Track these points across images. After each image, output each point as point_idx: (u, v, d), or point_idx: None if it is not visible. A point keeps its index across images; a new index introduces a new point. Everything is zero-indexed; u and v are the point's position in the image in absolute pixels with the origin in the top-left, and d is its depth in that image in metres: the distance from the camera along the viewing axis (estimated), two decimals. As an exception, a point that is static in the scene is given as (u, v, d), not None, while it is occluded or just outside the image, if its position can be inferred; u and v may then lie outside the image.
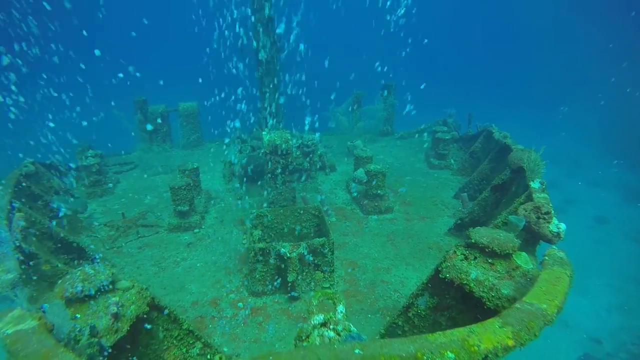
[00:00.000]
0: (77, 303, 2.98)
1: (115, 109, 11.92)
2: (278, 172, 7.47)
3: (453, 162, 11.03)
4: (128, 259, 6.97)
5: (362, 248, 7.17)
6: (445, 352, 1.99)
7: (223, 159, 11.11)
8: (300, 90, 9.43)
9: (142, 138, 12.60)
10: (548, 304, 2.32)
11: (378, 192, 8.20)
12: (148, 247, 7.36)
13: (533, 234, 3.92)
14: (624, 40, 38.41)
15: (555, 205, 4.59)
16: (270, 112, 10.13)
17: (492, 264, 3.51)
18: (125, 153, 12.50)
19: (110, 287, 3.24)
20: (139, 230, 7.86)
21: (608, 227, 18.38)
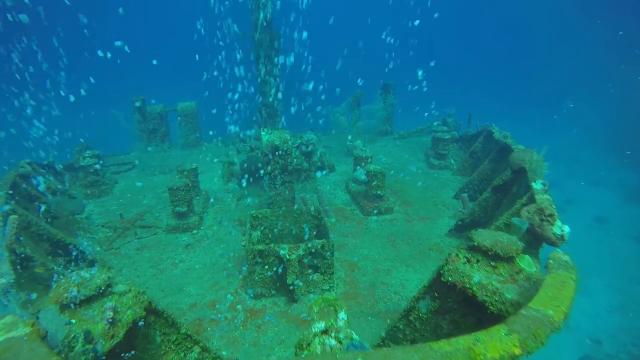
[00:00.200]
0: (71, 308, 2.91)
1: (114, 109, 11.85)
2: (277, 172, 7.40)
3: (453, 162, 10.97)
4: (126, 261, 6.91)
5: (362, 249, 7.11)
6: (451, 361, 1.93)
7: (222, 159, 11.05)
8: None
9: (140, 138, 12.53)
10: (555, 310, 2.26)
11: (378, 192, 8.14)
12: (146, 248, 7.30)
13: (536, 237, 3.86)
14: (635, 28, 37.59)
15: (556, 206, 4.54)
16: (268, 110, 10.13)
17: (495, 268, 3.45)
18: (124, 153, 12.43)
19: (107, 291, 3.17)
20: (137, 232, 7.79)
21: (608, 226, 18.36)
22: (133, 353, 3.31)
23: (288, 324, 5.32)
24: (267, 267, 5.62)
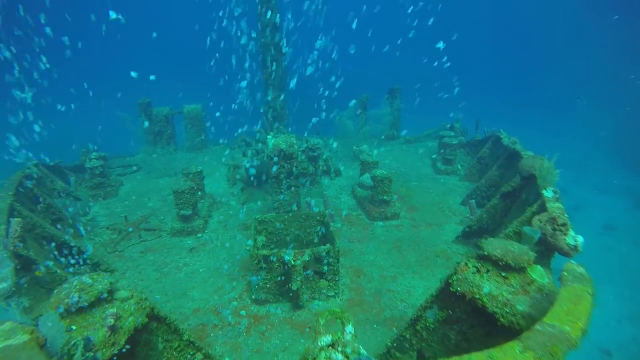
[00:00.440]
0: (72, 314, 2.86)
1: (120, 111, 11.88)
2: (283, 176, 7.34)
3: (460, 167, 10.85)
4: (130, 264, 6.87)
5: (367, 255, 7.01)
6: (463, 379, 1.85)
7: (227, 162, 11.02)
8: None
9: (146, 140, 12.55)
10: (571, 326, 2.16)
11: (384, 197, 8.05)
12: (150, 251, 7.26)
13: (548, 247, 3.75)
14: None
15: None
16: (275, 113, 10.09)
17: (505, 278, 3.36)
18: (129, 155, 12.45)
19: (109, 297, 3.12)
20: (142, 234, 7.76)
21: (617, 234, 18.07)
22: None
23: (292, 331, 5.23)
24: (271, 272, 5.54)
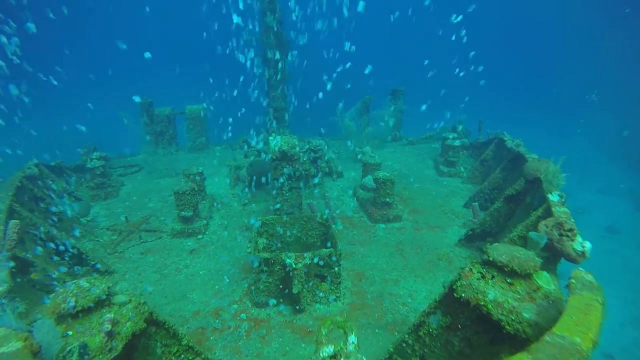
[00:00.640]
0: (69, 320, 2.80)
1: (121, 111, 11.85)
2: (284, 178, 7.28)
3: (463, 169, 10.78)
4: (130, 265, 6.82)
5: (369, 258, 6.94)
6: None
7: (229, 163, 10.96)
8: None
9: (147, 140, 12.51)
10: (582, 337, 2.09)
11: (386, 200, 7.98)
12: (150, 252, 7.20)
13: (555, 253, 3.67)
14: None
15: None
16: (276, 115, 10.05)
17: (511, 284, 3.28)
18: (131, 155, 12.41)
19: (106, 301, 3.06)
20: (142, 235, 7.70)
21: (620, 237, 17.96)
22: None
23: (293, 335, 5.17)
24: (272, 275, 5.48)
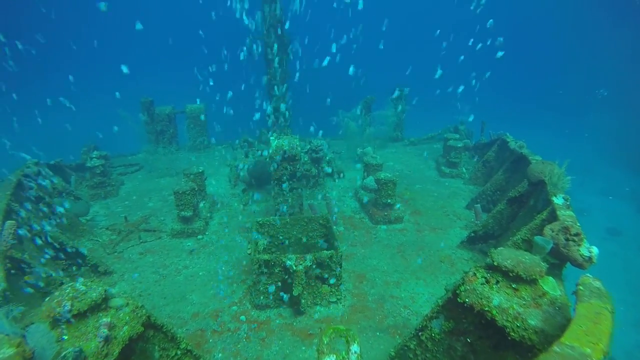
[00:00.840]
0: (64, 324, 2.74)
1: (121, 109, 11.77)
2: (285, 178, 7.21)
3: (465, 170, 10.71)
4: (129, 265, 6.76)
5: (370, 260, 6.88)
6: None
7: (229, 163, 10.90)
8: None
9: (148, 139, 12.45)
10: (592, 348, 2.02)
11: (388, 201, 7.92)
12: (150, 253, 7.14)
13: (561, 258, 3.61)
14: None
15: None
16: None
17: (516, 290, 3.22)
18: (131, 154, 12.36)
19: (103, 304, 3.00)
20: (141, 235, 7.65)
21: (621, 239, 17.89)
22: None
23: (293, 337, 5.11)
24: (272, 277, 5.42)
